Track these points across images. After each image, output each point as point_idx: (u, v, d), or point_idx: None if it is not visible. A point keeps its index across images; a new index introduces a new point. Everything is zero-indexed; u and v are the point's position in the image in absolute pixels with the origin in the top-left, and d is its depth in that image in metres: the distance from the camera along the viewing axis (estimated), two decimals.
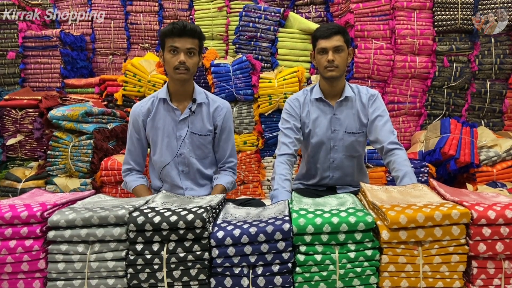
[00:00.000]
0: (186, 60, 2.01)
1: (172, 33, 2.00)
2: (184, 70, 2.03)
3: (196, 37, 2.05)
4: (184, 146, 2.18)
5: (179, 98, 2.19)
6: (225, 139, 2.27)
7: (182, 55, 2.01)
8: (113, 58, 4.84)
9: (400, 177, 2.00)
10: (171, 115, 2.18)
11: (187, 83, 2.14)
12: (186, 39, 2.01)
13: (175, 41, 2.01)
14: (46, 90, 4.24)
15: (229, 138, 2.28)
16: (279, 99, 3.62)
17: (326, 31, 2.13)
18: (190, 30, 2.01)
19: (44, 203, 1.37)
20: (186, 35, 2.01)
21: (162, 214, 1.29)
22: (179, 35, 2.00)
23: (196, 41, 2.05)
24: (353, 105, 2.26)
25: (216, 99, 2.29)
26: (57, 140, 3.36)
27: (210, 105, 2.23)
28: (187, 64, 2.02)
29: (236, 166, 2.34)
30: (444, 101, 3.96)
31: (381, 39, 3.92)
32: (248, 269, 1.28)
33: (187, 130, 2.17)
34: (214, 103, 2.25)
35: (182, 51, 2.01)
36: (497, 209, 1.25)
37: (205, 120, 2.21)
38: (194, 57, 2.06)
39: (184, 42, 2.01)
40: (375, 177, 3.36)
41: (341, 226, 1.26)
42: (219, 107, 2.24)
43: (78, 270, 1.28)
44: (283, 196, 1.93)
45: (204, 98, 2.22)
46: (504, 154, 3.33)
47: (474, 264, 1.26)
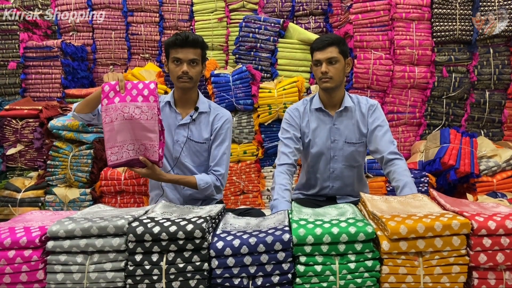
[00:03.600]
0: (189, 69, 2.10)
1: (175, 44, 2.08)
2: (187, 79, 2.12)
3: (199, 47, 2.12)
4: (181, 151, 2.22)
5: (183, 105, 2.27)
6: (217, 145, 2.26)
7: (185, 65, 2.09)
8: (114, 68, 4.85)
9: (400, 187, 2.00)
10: (172, 117, 2.24)
11: (190, 91, 2.23)
12: (188, 50, 2.09)
13: (178, 52, 2.08)
14: (46, 100, 4.25)
15: (221, 146, 2.27)
16: (278, 109, 3.63)
17: (320, 43, 2.15)
18: (192, 40, 2.08)
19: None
20: (188, 45, 2.08)
21: (161, 224, 1.29)
22: (181, 46, 2.08)
23: (198, 51, 2.13)
24: (353, 115, 2.26)
25: (218, 108, 2.34)
26: (57, 150, 3.36)
27: (211, 114, 2.29)
28: (190, 74, 2.11)
29: (222, 176, 2.25)
30: (444, 111, 3.97)
31: (380, 50, 3.94)
32: (248, 280, 1.27)
33: (186, 136, 2.21)
34: (215, 111, 2.30)
35: (185, 61, 2.09)
36: (497, 220, 1.24)
37: (204, 128, 2.26)
38: (197, 67, 2.14)
39: (186, 53, 2.09)
40: (375, 187, 3.36)
41: (341, 237, 1.25)
42: (219, 115, 2.30)
43: (77, 281, 1.28)
44: (283, 206, 1.92)
45: (206, 108, 2.29)
46: (504, 164, 3.33)
47: (474, 275, 1.26)
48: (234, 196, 3.68)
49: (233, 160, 3.72)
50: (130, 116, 1.79)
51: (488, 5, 3.85)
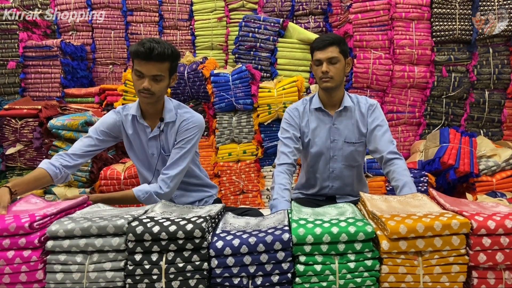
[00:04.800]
0: (151, 85, 1.88)
1: (138, 55, 1.84)
2: (148, 94, 1.91)
3: (166, 61, 1.89)
4: (158, 163, 2.15)
5: (150, 117, 2.11)
6: (176, 148, 2.09)
7: (147, 81, 1.87)
8: (113, 67, 4.85)
9: (399, 187, 2.00)
10: (142, 131, 2.12)
11: (155, 104, 2.04)
12: (153, 64, 1.85)
13: (141, 65, 1.86)
14: (46, 99, 4.25)
15: (181, 149, 2.08)
16: (278, 108, 3.63)
17: (321, 43, 2.15)
18: (157, 55, 1.83)
19: (33, 214, 1.35)
20: (153, 60, 1.84)
21: (161, 224, 1.29)
22: (145, 59, 1.84)
23: (165, 65, 1.90)
24: (352, 115, 2.26)
25: (185, 114, 2.13)
26: (57, 150, 3.36)
27: (176, 121, 2.11)
28: (152, 90, 1.89)
29: (170, 179, 2.04)
30: (443, 110, 3.97)
31: (380, 49, 3.95)
32: (248, 279, 1.27)
33: (159, 148, 2.12)
34: (182, 118, 2.11)
35: (147, 77, 1.87)
36: (497, 219, 1.24)
37: (171, 138, 2.13)
38: (161, 82, 1.92)
39: (150, 68, 1.86)
40: (374, 187, 3.36)
41: (341, 236, 1.25)
42: (185, 121, 2.11)
43: (77, 281, 1.28)
44: (283, 206, 1.92)
45: (173, 116, 2.10)
46: (503, 163, 3.33)
47: (474, 274, 1.26)
48: (234, 196, 3.68)
49: (233, 160, 3.72)
50: None
51: (488, 4, 3.85)
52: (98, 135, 2.10)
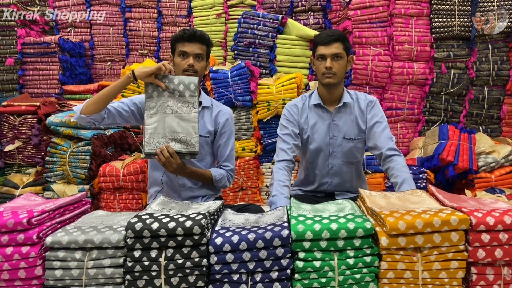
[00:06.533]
0: (194, 63, 2.14)
1: (183, 38, 2.14)
2: (192, 72, 2.14)
3: (205, 43, 2.19)
4: None
5: None
6: (225, 142, 2.30)
7: (191, 58, 2.13)
8: (112, 64, 4.84)
9: (398, 183, 2.00)
10: None
11: None
12: (195, 44, 2.15)
13: (185, 46, 2.14)
14: (44, 96, 4.24)
15: (228, 142, 2.32)
16: (277, 105, 3.63)
17: (326, 38, 2.14)
18: (200, 36, 2.15)
19: (31, 210, 1.35)
20: (195, 40, 2.14)
21: (160, 220, 1.29)
22: (188, 40, 2.14)
23: (204, 47, 2.18)
24: (352, 111, 2.26)
25: (219, 105, 2.39)
26: (55, 147, 3.35)
27: (213, 110, 2.32)
28: (195, 67, 2.14)
29: (232, 171, 2.33)
30: (442, 107, 3.97)
31: (379, 46, 3.94)
32: (247, 276, 1.27)
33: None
34: (217, 108, 2.34)
35: (191, 55, 2.14)
36: (496, 215, 1.25)
37: (207, 122, 2.27)
38: (202, 62, 2.19)
39: (193, 47, 2.14)
40: (373, 183, 3.36)
41: (340, 232, 1.25)
42: (222, 111, 2.33)
43: (76, 277, 1.28)
44: (282, 202, 1.92)
45: (209, 103, 2.32)
46: (502, 160, 3.34)
47: (473, 270, 1.26)
48: (233, 193, 3.68)
49: None
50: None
51: (487, 1, 3.84)
52: (130, 105, 2.21)
